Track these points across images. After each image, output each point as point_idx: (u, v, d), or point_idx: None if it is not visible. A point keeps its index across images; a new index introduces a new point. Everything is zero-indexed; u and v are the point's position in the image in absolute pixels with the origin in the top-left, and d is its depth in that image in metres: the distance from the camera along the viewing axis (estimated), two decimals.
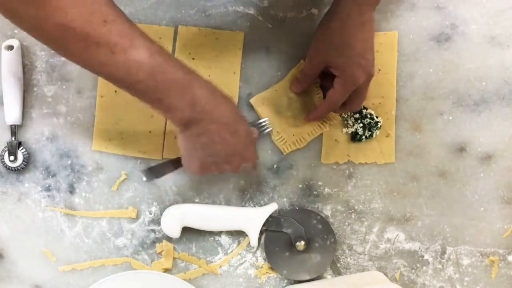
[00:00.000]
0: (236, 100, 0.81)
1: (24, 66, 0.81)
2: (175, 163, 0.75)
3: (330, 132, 0.81)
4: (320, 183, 0.81)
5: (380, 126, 0.80)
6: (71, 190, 0.81)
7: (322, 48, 0.72)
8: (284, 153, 0.81)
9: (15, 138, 0.79)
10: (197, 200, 0.81)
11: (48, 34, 0.56)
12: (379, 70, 0.81)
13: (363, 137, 0.79)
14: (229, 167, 0.70)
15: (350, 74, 0.71)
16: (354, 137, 0.80)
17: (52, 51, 0.80)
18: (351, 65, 0.70)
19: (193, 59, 0.81)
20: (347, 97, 0.74)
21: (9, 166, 0.79)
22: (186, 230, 0.79)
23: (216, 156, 0.68)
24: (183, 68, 0.62)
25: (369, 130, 0.79)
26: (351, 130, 0.80)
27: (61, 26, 0.54)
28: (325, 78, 0.76)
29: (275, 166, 0.81)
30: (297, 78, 0.79)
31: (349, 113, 0.80)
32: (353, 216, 0.81)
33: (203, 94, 0.63)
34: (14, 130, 0.80)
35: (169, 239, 0.80)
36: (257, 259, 0.81)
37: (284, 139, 0.80)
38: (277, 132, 0.80)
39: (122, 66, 0.57)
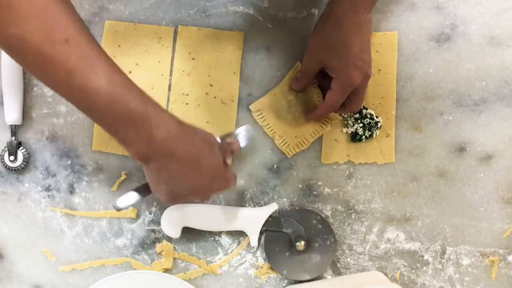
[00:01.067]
0: (236, 100, 0.81)
1: None
2: (144, 191, 0.72)
3: (330, 132, 0.81)
4: (320, 183, 0.81)
5: (380, 126, 0.80)
6: (71, 190, 0.81)
7: (318, 49, 0.72)
8: (289, 156, 0.81)
9: (15, 138, 0.79)
10: (197, 200, 0.81)
11: (4, 44, 0.52)
12: (379, 70, 0.81)
13: (363, 137, 0.79)
14: (197, 198, 0.68)
15: (346, 76, 0.70)
16: (354, 137, 0.80)
17: None
18: (347, 67, 0.70)
19: (193, 59, 0.81)
20: (345, 98, 0.74)
21: (9, 166, 0.79)
22: (186, 230, 0.79)
23: (181, 189, 0.65)
24: (143, 101, 0.58)
25: (369, 130, 0.79)
26: (351, 130, 0.80)
27: (17, 37, 0.50)
28: (324, 78, 0.76)
29: (275, 166, 0.81)
30: (296, 77, 0.79)
31: (349, 113, 0.80)
32: (353, 216, 0.81)
33: (162, 132, 0.58)
34: (14, 130, 0.80)
35: (169, 239, 0.80)
36: (257, 259, 0.81)
37: (287, 142, 0.80)
38: (280, 136, 0.80)
39: (80, 90, 0.54)
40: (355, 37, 0.69)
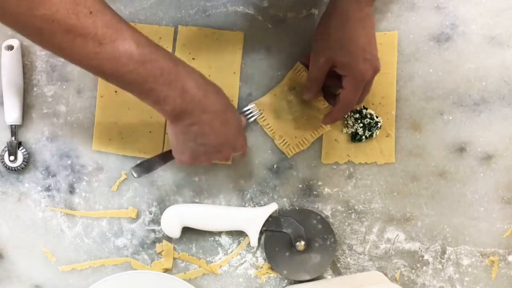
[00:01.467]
0: (236, 100, 0.81)
1: (24, 66, 0.81)
2: (164, 157, 0.76)
3: (330, 132, 0.81)
4: (320, 183, 0.81)
5: (380, 126, 0.80)
6: (71, 190, 0.81)
7: (325, 47, 0.72)
8: (289, 156, 0.81)
9: (15, 138, 0.79)
10: (197, 200, 0.81)
11: (32, 27, 0.54)
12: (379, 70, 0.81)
13: (363, 137, 0.79)
14: (219, 156, 0.70)
15: (358, 71, 0.69)
16: (354, 137, 0.80)
17: None
18: (357, 61, 0.69)
19: (193, 59, 0.81)
20: (359, 94, 0.72)
21: (9, 166, 0.79)
22: (186, 230, 0.79)
23: (207, 146, 0.68)
24: (171, 58, 0.61)
25: (369, 130, 0.79)
26: (351, 130, 0.80)
27: (45, 18, 0.53)
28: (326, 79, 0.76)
29: (275, 166, 0.81)
30: (306, 86, 0.78)
31: (349, 113, 0.80)
32: (353, 216, 0.81)
33: (193, 84, 0.63)
34: (14, 130, 0.80)
35: (169, 239, 0.80)
36: (257, 259, 0.81)
37: (287, 142, 0.80)
38: (280, 136, 0.80)
39: (111, 57, 0.57)
40: (361, 31, 0.69)
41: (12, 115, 0.79)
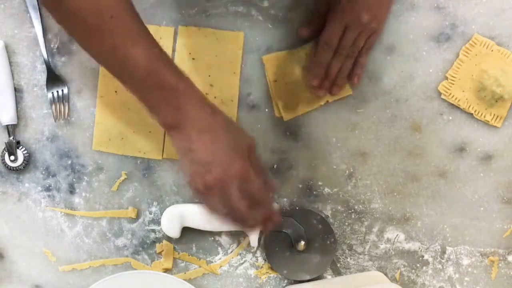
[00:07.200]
0: (236, 100, 0.81)
1: (24, 66, 0.81)
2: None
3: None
4: (320, 183, 0.81)
5: None
6: (71, 190, 0.81)
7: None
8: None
9: (13, 138, 0.79)
10: (197, 200, 0.81)
11: (59, 16, 0.61)
12: None
13: None
14: (210, 178, 0.63)
15: (354, 13, 0.73)
16: None
17: (52, 52, 0.80)
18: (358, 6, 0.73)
19: (193, 59, 0.81)
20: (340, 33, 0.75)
21: (10, 166, 0.79)
22: (186, 230, 0.79)
23: (198, 164, 0.64)
24: (176, 75, 0.63)
25: None
26: None
27: (70, 11, 0.58)
28: None
29: (275, 166, 0.81)
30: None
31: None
32: (353, 216, 0.81)
33: (189, 102, 0.63)
34: (11, 129, 0.79)
35: (169, 239, 0.80)
36: (257, 259, 0.81)
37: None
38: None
39: (121, 63, 0.61)
40: None
41: (7, 115, 0.79)
